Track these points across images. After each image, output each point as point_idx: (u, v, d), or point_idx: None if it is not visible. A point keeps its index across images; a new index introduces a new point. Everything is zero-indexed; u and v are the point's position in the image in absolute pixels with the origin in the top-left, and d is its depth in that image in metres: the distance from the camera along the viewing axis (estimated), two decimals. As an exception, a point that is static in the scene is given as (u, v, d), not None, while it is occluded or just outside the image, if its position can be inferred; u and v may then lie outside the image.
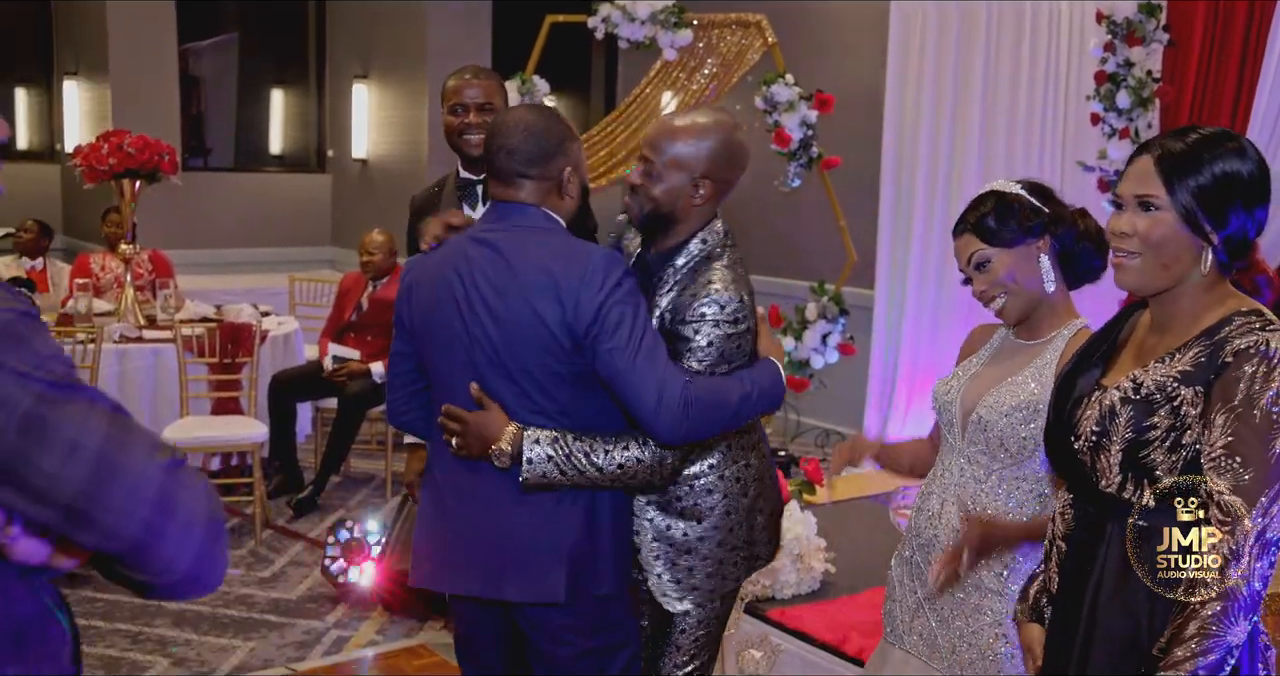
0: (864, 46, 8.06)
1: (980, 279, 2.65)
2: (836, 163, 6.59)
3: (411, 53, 9.73)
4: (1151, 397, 2.05)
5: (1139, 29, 5.52)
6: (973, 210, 2.67)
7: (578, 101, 11.18)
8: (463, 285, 2.71)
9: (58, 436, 1.24)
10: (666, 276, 2.80)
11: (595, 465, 2.66)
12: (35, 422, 1.22)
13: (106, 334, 6.44)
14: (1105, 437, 2.11)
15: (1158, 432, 2.04)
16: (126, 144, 6.77)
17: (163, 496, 1.28)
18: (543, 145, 2.74)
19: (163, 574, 1.31)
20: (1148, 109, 5.58)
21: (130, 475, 1.27)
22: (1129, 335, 2.27)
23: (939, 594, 2.65)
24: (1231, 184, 2.03)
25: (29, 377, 1.23)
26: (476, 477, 2.75)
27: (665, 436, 2.62)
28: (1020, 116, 6.89)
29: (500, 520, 2.75)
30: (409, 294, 2.86)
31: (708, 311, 2.67)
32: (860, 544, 4.96)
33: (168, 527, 1.28)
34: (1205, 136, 2.07)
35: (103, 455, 1.25)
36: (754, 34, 6.64)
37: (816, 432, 8.28)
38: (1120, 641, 2.08)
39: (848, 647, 3.90)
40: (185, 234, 9.63)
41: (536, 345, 2.64)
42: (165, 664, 4.64)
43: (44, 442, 1.23)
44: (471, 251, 2.74)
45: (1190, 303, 2.11)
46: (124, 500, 1.25)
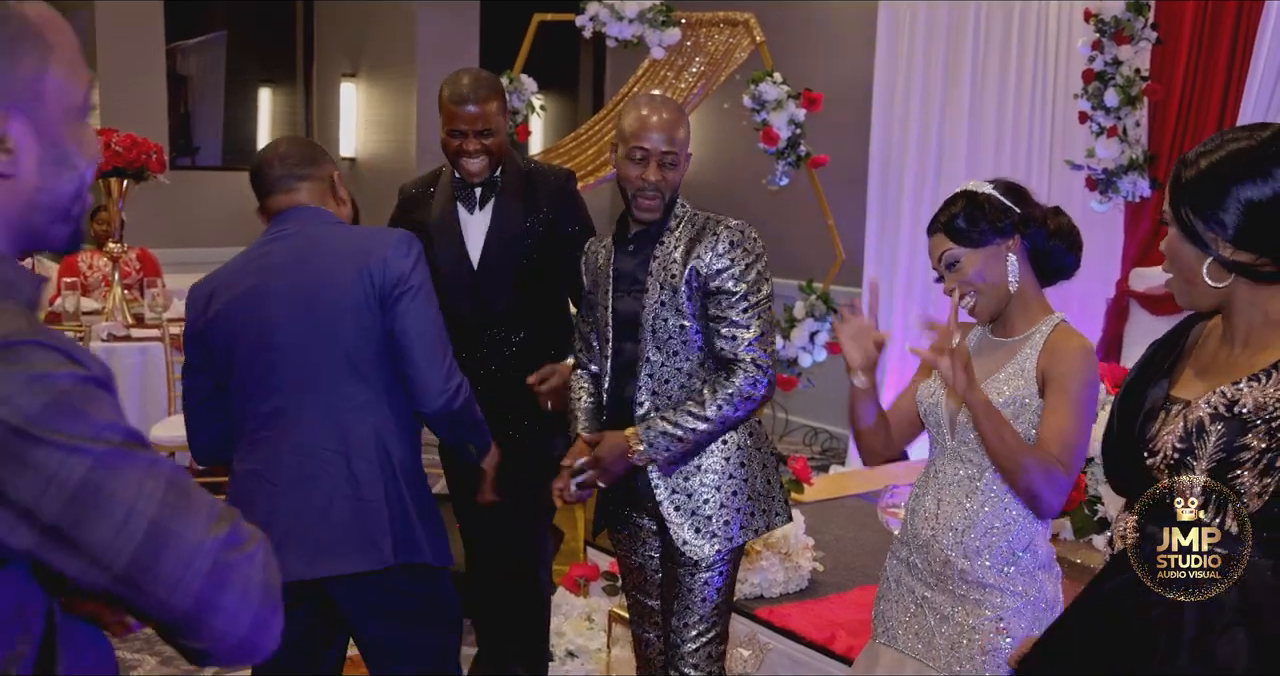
0: (852, 45, 8.06)
1: (950, 277, 2.69)
2: (824, 161, 6.59)
3: (400, 52, 9.71)
4: (1248, 417, 1.91)
5: (1127, 27, 5.53)
6: (944, 210, 2.70)
7: (566, 100, 11.17)
8: (272, 279, 2.85)
9: (112, 505, 1.21)
10: (667, 239, 3.09)
11: (704, 417, 3.01)
12: (88, 492, 1.19)
13: (94, 333, 6.44)
14: (1190, 456, 1.96)
15: (1250, 454, 1.89)
16: (114, 142, 6.74)
17: (217, 567, 1.25)
18: (308, 149, 3.00)
19: (215, 643, 1.28)
20: (1136, 107, 5.59)
21: (185, 545, 1.24)
22: (1193, 345, 2.14)
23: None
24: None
25: (80, 451, 1.19)
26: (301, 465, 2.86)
27: (441, 402, 2.91)
28: (1008, 115, 6.90)
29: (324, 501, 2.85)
30: (212, 315, 2.91)
31: (735, 238, 3.04)
32: (848, 542, 4.95)
33: (222, 599, 1.26)
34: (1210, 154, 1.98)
35: (157, 524, 1.23)
36: (742, 33, 6.63)
37: (804, 431, 8.29)
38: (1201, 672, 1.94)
39: (836, 646, 3.89)
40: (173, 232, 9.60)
41: (353, 309, 2.83)
42: (153, 662, 4.63)
43: (98, 511, 1.20)
44: (270, 249, 2.90)
45: (1261, 314, 1.97)
46: (178, 571, 1.23)
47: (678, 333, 3.07)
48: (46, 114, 1.29)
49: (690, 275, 3.04)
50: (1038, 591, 2.62)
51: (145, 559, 1.22)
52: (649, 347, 3.10)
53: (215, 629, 1.27)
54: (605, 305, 3.18)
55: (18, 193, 1.29)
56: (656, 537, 3.26)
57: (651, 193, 3.05)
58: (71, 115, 1.33)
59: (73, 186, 1.35)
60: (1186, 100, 5.63)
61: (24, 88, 1.27)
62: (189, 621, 1.26)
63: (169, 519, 1.23)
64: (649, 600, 3.35)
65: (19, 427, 1.16)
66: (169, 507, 1.23)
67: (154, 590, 1.23)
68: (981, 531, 2.62)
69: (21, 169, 1.28)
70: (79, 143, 1.35)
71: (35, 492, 1.17)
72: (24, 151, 1.28)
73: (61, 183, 1.33)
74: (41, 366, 1.19)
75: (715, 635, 3.19)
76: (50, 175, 1.31)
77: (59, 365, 1.20)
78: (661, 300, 3.07)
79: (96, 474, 1.19)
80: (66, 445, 1.18)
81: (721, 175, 8.81)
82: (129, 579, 1.22)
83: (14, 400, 1.16)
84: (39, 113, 1.28)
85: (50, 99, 1.29)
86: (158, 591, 1.23)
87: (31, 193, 1.30)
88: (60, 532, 1.19)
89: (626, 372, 3.16)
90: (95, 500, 1.19)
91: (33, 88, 1.28)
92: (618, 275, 3.17)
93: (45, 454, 1.17)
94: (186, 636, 1.28)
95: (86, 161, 1.36)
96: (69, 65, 1.31)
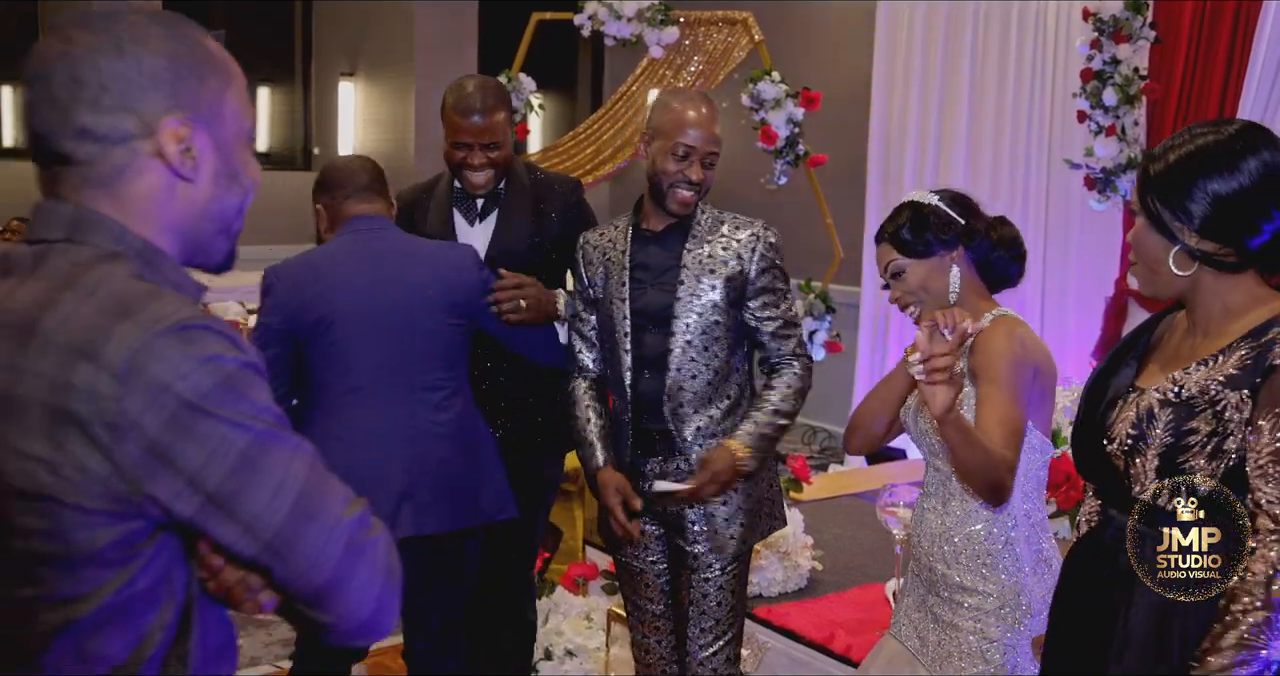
0: (851, 44, 8.06)
1: (895, 286, 2.74)
2: (823, 160, 6.58)
3: (398, 51, 9.70)
4: (1193, 401, 1.98)
5: (1125, 26, 5.53)
6: (890, 221, 2.75)
7: (564, 99, 11.17)
8: (370, 270, 3.19)
9: (267, 476, 1.33)
10: (699, 233, 3.14)
11: (788, 413, 3.10)
12: (246, 465, 1.31)
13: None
14: (1142, 441, 2.04)
15: (1198, 437, 1.97)
16: (112, 142, 6.74)
17: (351, 545, 1.36)
18: (382, 175, 3.37)
19: (343, 618, 1.38)
20: (1134, 106, 5.58)
21: (325, 521, 1.35)
22: (1162, 336, 2.20)
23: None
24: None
25: (241, 427, 1.31)
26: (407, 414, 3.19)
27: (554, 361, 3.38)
28: (1006, 113, 6.90)
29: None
30: (313, 296, 3.18)
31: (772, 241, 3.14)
32: (847, 541, 4.96)
33: (354, 576, 1.37)
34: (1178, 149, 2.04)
35: (302, 498, 1.34)
36: (740, 31, 6.63)
37: (803, 430, 8.29)
38: (1151, 647, 2.02)
39: (834, 645, 3.89)
40: (171, 232, 9.59)
41: (438, 307, 3.21)
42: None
43: (253, 483, 1.32)
44: (365, 242, 3.23)
45: (1220, 304, 2.04)
46: (318, 543, 1.34)
47: (713, 328, 3.08)
48: (224, 132, 1.45)
49: (734, 273, 3.08)
50: (1018, 592, 2.61)
51: (290, 531, 1.33)
52: (680, 342, 3.08)
53: (345, 604, 1.37)
54: (621, 298, 3.15)
55: (194, 200, 1.44)
56: (660, 542, 3.25)
57: (689, 188, 3.08)
58: (241, 138, 1.49)
59: (238, 201, 1.50)
60: (1185, 99, 5.62)
61: (208, 106, 1.43)
62: (322, 594, 1.36)
63: (312, 496, 1.35)
64: (651, 605, 3.31)
65: (192, 402, 1.28)
66: (312, 486, 1.35)
67: (296, 561, 1.34)
68: (957, 536, 2.66)
69: (200, 177, 1.43)
70: (246, 164, 1.50)
71: (200, 462, 1.29)
72: (204, 162, 1.43)
73: (230, 196, 1.48)
74: (214, 349, 1.31)
75: (730, 638, 3.19)
76: (222, 188, 1.46)
77: (227, 350, 1.33)
78: (696, 295, 3.07)
79: (253, 449, 1.31)
80: (230, 421, 1.30)
81: (720, 174, 8.75)
82: (275, 548, 1.33)
83: (190, 377, 1.28)
84: (218, 130, 1.44)
85: (228, 120, 1.46)
86: (299, 562, 1.34)
87: (205, 202, 1.45)
88: (219, 501, 1.31)
89: (646, 366, 3.13)
90: (251, 473, 1.31)
91: (215, 108, 1.44)
92: (638, 267, 3.15)
93: (211, 427, 1.29)
94: (317, 609, 1.38)
95: (250, 182, 1.52)
96: (242, 96, 1.48)
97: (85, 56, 1.36)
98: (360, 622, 1.39)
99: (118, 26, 1.37)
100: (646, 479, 3.16)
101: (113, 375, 1.27)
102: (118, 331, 1.28)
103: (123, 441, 1.27)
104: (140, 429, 1.27)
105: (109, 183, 1.40)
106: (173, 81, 1.39)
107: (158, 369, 1.28)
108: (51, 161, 1.41)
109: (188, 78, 1.41)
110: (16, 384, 1.30)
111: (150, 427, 1.27)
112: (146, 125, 1.38)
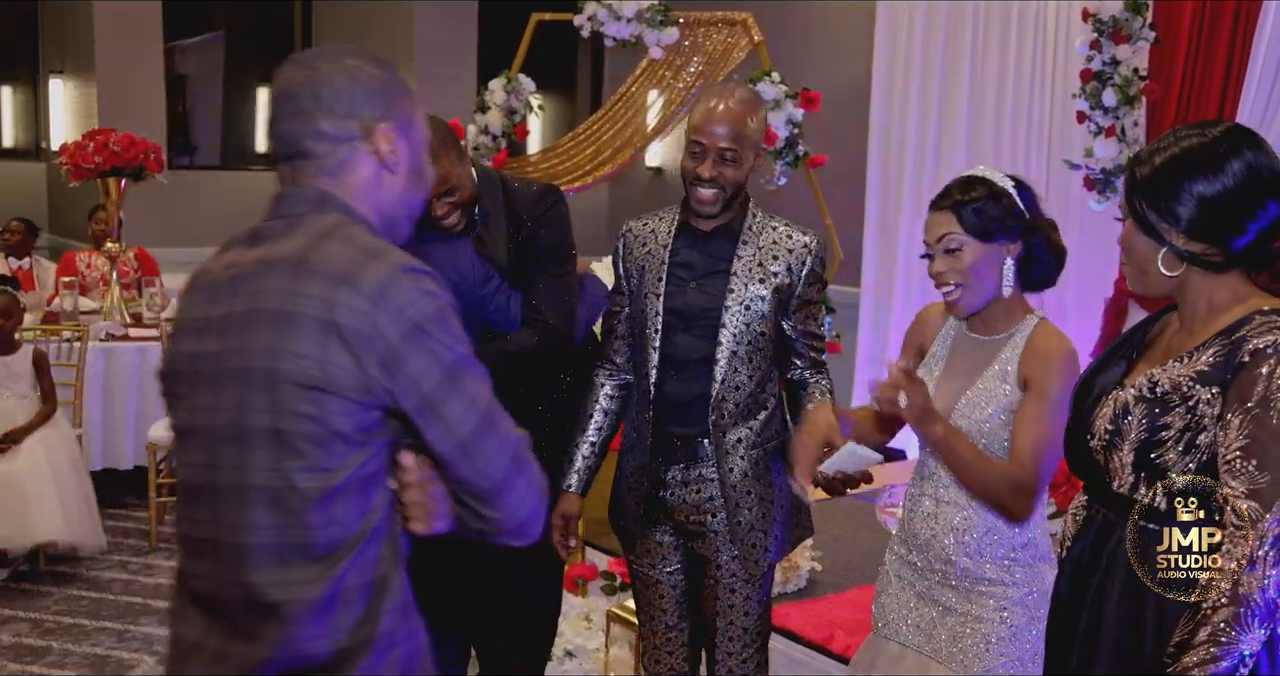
0: (850, 45, 8.06)
1: (944, 261, 2.59)
2: (823, 161, 6.58)
3: (399, 51, 9.70)
4: (1167, 397, 2.01)
5: (1125, 27, 5.52)
6: (961, 190, 2.59)
7: (564, 100, 11.18)
8: None
9: (464, 390, 1.74)
10: (751, 239, 3.05)
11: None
12: (452, 378, 1.73)
13: (92, 332, 6.42)
14: (1118, 437, 2.07)
15: (1171, 433, 2.00)
16: (112, 142, 6.75)
17: (517, 457, 1.78)
18: None
19: (504, 517, 1.77)
20: (1134, 107, 5.58)
21: (501, 432, 1.77)
22: (1157, 335, 2.22)
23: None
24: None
25: (449, 348, 1.73)
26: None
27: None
28: (1006, 114, 6.90)
29: None
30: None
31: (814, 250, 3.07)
32: (846, 542, 4.96)
33: (518, 481, 1.77)
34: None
35: (487, 412, 1.76)
36: (740, 32, 6.63)
37: (804, 431, 8.28)
38: (1125, 644, 2.05)
39: (834, 646, 3.90)
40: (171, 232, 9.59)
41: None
42: (151, 662, 4.63)
43: (456, 392, 1.73)
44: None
45: (1205, 302, 2.06)
46: (495, 449, 1.75)
47: (759, 338, 3.01)
48: (416, 139, 1.91)
49: (783, 284, 3.02)
50: (1039, 582, 2.60)
51: (478, 435, 1.74)
52: (726, 349, 3.01)
53: (508, 504, 1.77)
54: (656, 294, 3.06)
55: (393, 190, 1.89)
56: (678, 552, 3.17)
57: (706, 186, 2.96)
58: (424, 145, 1.94)
59: (422, 193, 1.96)
60: (1184, 100, 5.62)
61: (406, 118, 1.89)
62: (492, 493, 1.76)
63: (492, 415, 1.77)
64: (666, 616, 3.22)
65: (420, 324, 1.71)
66: (493, 405, 1.78)
67: (478, 460, 1.75)
68: (982, 531, 2.61)
69: (399, 171, 1.89)
70: (427, 166, 1.97)
71: (421, 369, 1.71)
72: (402, 159, 1.89)
73: (417, 189, 1.94)
74: (431, 286, 1.75)
75: (759, 645, 3.15)
76: (412, 182, 1.92)
77: (439, 290, 1.77)
78: (746, 303, 3.00)
79: (457, 367, 1.74)
80: (443, 342, 1.72)
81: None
82: (465, 447, 1.74)
83: (418, 304, 1.71)
84: (412, 137, 1.90)
85: (417, 130, 1.92)
86: (480, 461, 1.75)
87: (400, 192, 1.90)
88: (431, 403, 1.72)
89: (674, 367, 3.05)
90: (455, 385, 1.73)
91: (411, 119, 1.90)
92: (679, 264, 3.07)
93: (432, 344, 1.72)
94: (487, 506, 1.77)
95: (429, 181, 1.98)
96: (423, 115, 1.96)
97: (324, 79, 1.82)
98: (519, 522, 1.79)
99: (345, 59, 1.86)
100: (668, 487, 3.09)
101: (366, 297, 1.69)
102: (371, 266, 1.71)
103: (370, 346, 1.69)
104: (384, 338, 1.69)
105: (336, 172, 1.84)
106: (385, 98, 1.85)
107: (398, 296, 1.70)
108: (293, 156, 1.84)
109: (394, 96, 1.87)
110: (294, 303, 1.70)
111: (390, 337, 1.69)
112: (366, 129, 1.84)
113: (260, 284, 1.75)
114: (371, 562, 1.76)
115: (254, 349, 1.72)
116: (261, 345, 1.72)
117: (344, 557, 1.74)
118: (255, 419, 1.72)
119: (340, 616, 1.74)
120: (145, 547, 6.00)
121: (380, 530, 1.77)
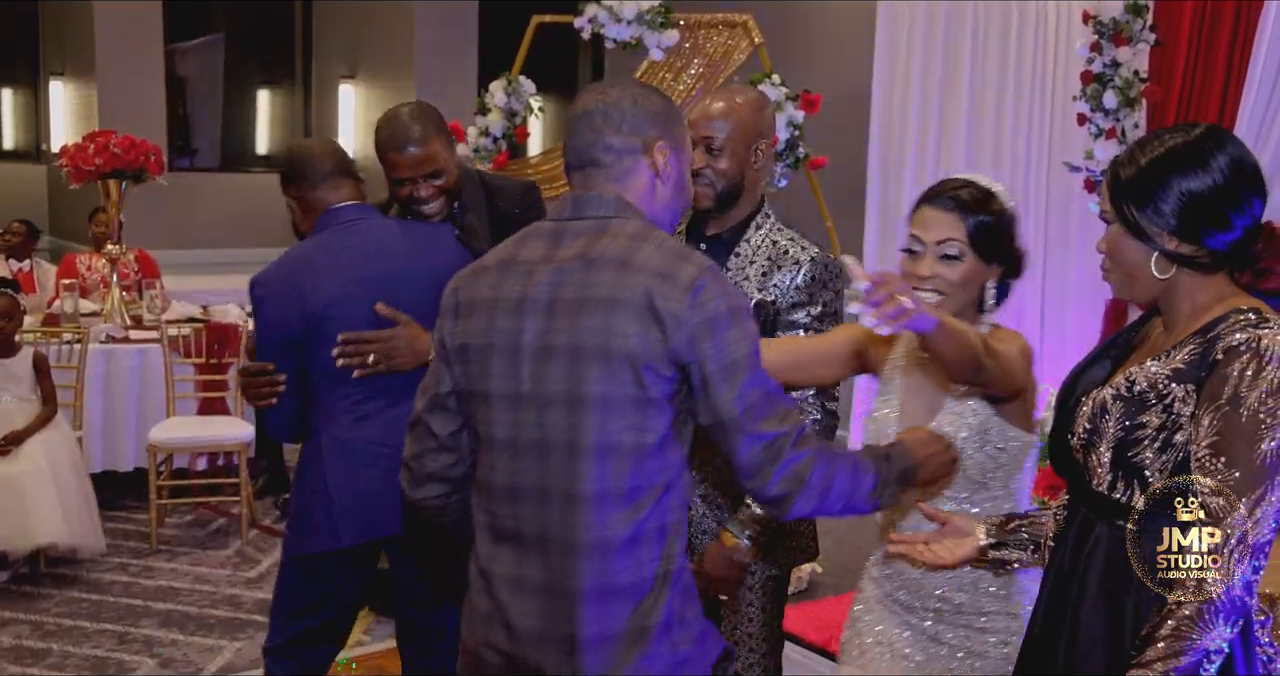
0: (851, 47, 8.06)
1: (939, 265, 2.44)
2: (823, 163, 6.59)
3: (398, 53, 9.71)
4: (1144, 395, 2.02)
5: (1126, 29, 5.52)
6: (976, 201, 2.45)
7: (564, 102, 11.18)
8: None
9: (755, 373, 2.07)
10: (744, 251, 2.98)
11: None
12: (734, 366, 2.04)
13: (93, 334, 6.43)
14: (1096, 436, 2.08)
15: (1148, 431, 2.01)
16: (113, 144, 6.75)
17: (767, 392, 2.08)
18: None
19: (764, 489, 2.08)
20: (1134, 109, 5.58)
21: (756, 371, 2.07)
22: (1144, 338, 2.23)
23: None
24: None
25: (746, 340, 2.08)
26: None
27: None
28: (1007, 116, 6.90)
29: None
30: (327, 301, 3.19)
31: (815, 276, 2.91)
32: (847, 545, 4.96)
33: (781, 455, 2.07)
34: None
35: (750, 355, 2.07)
36: (740, 34, 6.63)
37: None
38: (1105, 644, 2.05)
39: (834, 647, 3.89)
40: (171, 234, 9.61)
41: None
42: (152, 664, 4.63)
43: (748, 369, 2.06)
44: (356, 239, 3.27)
45: (1189, 303, 2.07)
46: (751, 379, 2.06)
47: None
48: (683, 157, 2.26)
49: (764, 300, 2.91)
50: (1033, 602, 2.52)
51: (740, 365, 2.05)
52: None
53: (769, 475, 2.06)
54: None
55: (662, 199, 2.23)
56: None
57: (697, 179, 2.85)
58: (688, 163, 2.30)
59: (683, 204, 2.30)
60: (1185, 102, 5.62)
61: (677, 139, 2.24)
62: (740, 417, 2.04)
63: (755, 357, 2.08)
64: None
65: (721, 314, 2.04)
66: (757, 354, 2.09)
67: (736, 381, 2.05)
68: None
69: (669, 183, 2.23)
70: (690, 181, 2.33)
71: (713, 351, 2.04)
72: (673, 173, 2.23)
73: (679, 200, 2.28)
74: (728, 287, 2.10)
75: (766, 651, 3.09)
76: (676, 192, 2.26)
77: (734, 289, 2.14)
78: None
79: (750, 357, 2.07)
80: (735, 333, 2.06)
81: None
82: (729, 367, 2.04)
83: (720, 300, 2.05)
84: (681, 155, 2.25)
85: (685, 150, 2.27)
86: (737, 384, 2.05)
87: (668, 200, 2.24)
88: (725, 372, 2.04)
89: None
90: (746, 363, 2.06)
91: (681, 140, 2.25)
92: None
93: (728, 333, 2.05)
94: (744, 478, 2.10)
95: (690, 194, 2.33)
96: (688, 139, 2.31)
97: (615, 103, 2.17)
98: (770, 497, 2.09)
99: (632, 88, 2.22)
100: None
101: (681, 290, 2.03)
102: (684, 266, 2.06)
103: (679, 328, 2.02)
104: (690, 323, 2.02)
105: (622, 179, 2.18)
106: (664, 122, 2.20)
107: (704, 291, 2.04)
108: (585, 165, 2.18)
109: (670, 122, 2.22)
110: (623, 291, 2.04)
111: (694, 323, 2.02)
112: (646, 145, 2.18)
113: (590, 276, 2.09)
114: (665, 510, 2.10)
115: (586, 329, 2.06)
116: (594, 326, 2.05)
117: (646, 504, 2.08)
118: (588, 387, 2.05)
119: (643, 552, 2.08)
120: (145, 550, 5.98)
121: (674, 483, 2.11)
